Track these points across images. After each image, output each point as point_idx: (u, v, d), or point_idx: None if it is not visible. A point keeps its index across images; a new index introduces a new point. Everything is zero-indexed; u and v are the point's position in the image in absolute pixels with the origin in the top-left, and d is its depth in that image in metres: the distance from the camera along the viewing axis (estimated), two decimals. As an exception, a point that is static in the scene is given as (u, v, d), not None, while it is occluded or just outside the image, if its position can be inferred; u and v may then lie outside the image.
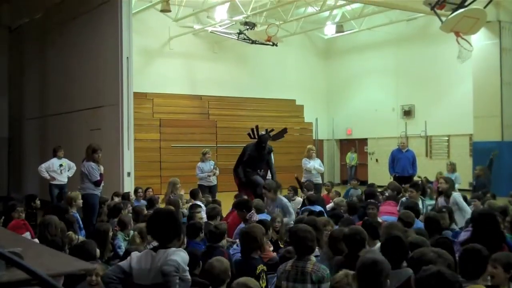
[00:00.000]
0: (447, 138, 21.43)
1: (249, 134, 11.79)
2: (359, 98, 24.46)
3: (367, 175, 23.96)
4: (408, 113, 22.55)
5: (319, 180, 13.45)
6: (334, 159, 26.01)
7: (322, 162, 15.49)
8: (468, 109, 19.56)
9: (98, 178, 10.02)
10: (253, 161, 11.56)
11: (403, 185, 11.49)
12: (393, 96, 23.15)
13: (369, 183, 16.97)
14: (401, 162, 15.02)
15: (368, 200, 9.49)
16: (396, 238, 4.80)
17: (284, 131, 12.39)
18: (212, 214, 8.01)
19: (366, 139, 24.54)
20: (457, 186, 14.82)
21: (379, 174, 21.67)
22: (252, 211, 8.34)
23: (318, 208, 9.35)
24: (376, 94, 23.80)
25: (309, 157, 13.63)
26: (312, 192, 11.06)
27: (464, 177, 16.94)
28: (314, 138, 24.38)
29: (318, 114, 24.96)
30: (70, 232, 6.95)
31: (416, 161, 15.34)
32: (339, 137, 25.84)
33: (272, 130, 11.92)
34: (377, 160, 23.71)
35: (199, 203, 10.13)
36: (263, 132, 11.72)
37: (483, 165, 15.01)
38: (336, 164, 26.06)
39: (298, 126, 23.71)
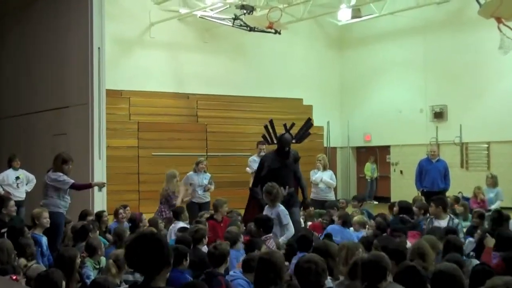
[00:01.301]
0: (487, 146, 21.45)
1: (264, 137, 11.33)
2: (379, 97, 24.49)
3: (389, 190, 23.95)
4: (439, 115, 22.59)
5: (330, 196, 13.45)
6: (350, 171, 26.00)
7: (335, 174, 15.48)
8: (512, 110, 19.62)
9: (72, 181, 10.05)
10: (275, 176, 10.42)
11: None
12: (421, 94, 23.18)
13: (392, 201, 16.98)
14: (431, 174, 14.99)
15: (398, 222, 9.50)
16: (411, 269, 4.79)
17: (308, 124, 11.75)
18: (197, 237, 8.08)
19: (388, 146, 24.55)
20: (498, 203, 14.89)
21: (404, 189, 21.60)
22: (271, 234, 8.41)
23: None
24: (400, 92, 23.84)
25: (318, 167, 13.61)
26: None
27: (508, 192, 16.93)
28: (325, 145, 24.36)
29: (330, 117, 24.96)
30: (22, 259, 6.92)
31: (449, 173, 15.30)
32: (356, 145, 25.83)
33: (293, 125, 11.18)
34: (401, 172, 23.71)
35: (182, 224, 10.14)
36: (282, 133, 10.96)
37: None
38: (352, 177, 26.05)
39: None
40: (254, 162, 14.32)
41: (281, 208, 9.78)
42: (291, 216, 9.85)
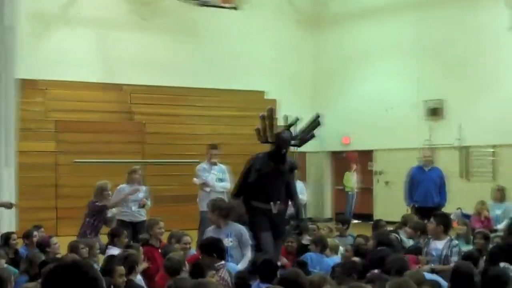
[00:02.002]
0: (493, 151, 21.69)
1: (257, 132, 10.58)
2: (361, 90, 24.69)
3: (371, 206, 24.14)
4: (434, 112, 22.82)
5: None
6: (324, 182, 26.12)
7: (305, 186, 15.57)
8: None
9: None
10: (265, 184, 10.22)
11: (426, 221, 11.57)
12: (412, 87, 23.35)
13: (375, 218, 17.09)
14: (424, 186, 15.14)
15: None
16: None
17: (315, 121, 11.23)
18: (128, 265, 8.07)
19: (371, 151, 24.74)
20: (506, 222, 15.03)
21: (390, 205, 21.81)
22: (224, 262, 8.48)
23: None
24: (387, 84, 24.05)
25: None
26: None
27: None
28: (293, 149, 24.41)
29: (299, 114, 24.96)
30: None
31: (446, 185, 15.48)
32: (332, 149, 25.93)
33: (297, 120, 10.91)
34: (387, 183, 23.91)
35: (117, 251, 10.11)
36: (281, 130, 10.53)
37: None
38: (326, 190, 26.18)
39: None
40: (203, 171, 14.34)
41: (239, 226, 9.83)
42: (276, 249, 9.90)
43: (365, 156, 25.05)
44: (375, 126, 23.89)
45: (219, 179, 14.36)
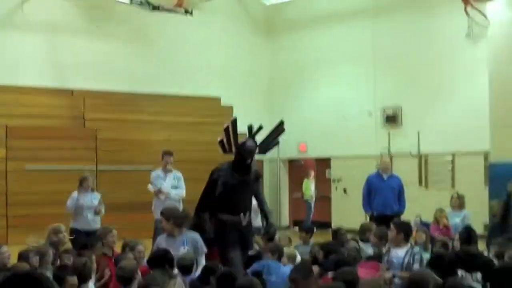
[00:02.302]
0: (451, 158, 21.80)
1: (221, 144, 10.43)
2: (318, 96, 24.70)
3: (329, 214, 24.10)
4: (392, 119, 22.91)
5: (257, 221, 13.31)
6: (280, 190, 26.05)
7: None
8: (483, 114, 19.96)
9: None
10: (231, 197, 10.00)
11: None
12: (369, 94, 23.47)
13: (334, 227, 17.01)
14: (382, 194, 15.11)
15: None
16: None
17: (279, 128, 11.05)
18: (81, 274, 7.87)
19: (328, 159, 24.74)
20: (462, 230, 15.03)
21: (349, 213, 21.81)
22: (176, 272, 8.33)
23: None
24: (344, 90, 24.08)
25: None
26: None
27: (477, 216, 17.18)
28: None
29: (255, 121, 24.75)
30: None
31: (404, 193, 15.47)
32: (288, 156, 25.90)
33: (260, 129, 10.61)
34: (345, 191, 23.91)
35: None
36: (245, 139, 10.30)
37: (501, 198, 15.25)
38: (283, 198, 26.12)
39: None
40: (158, 178, 14.32)
41: (193, 233, 9.85)
42: (239, 263, 9.72)
43: (323, 163, 25.09)
44: (332, 133, 23.95)
45: (174, 186, 14.28)
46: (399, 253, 9.66)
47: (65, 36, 22.16)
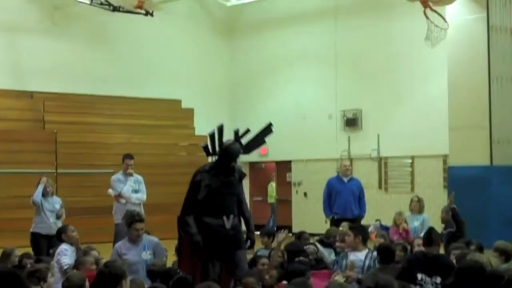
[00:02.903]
0: (411, 161, 21.98)
1: (205, 148, 10.08)
2: (278, 99, 24.76)
3: (290, 217, 24.20)
4: (352, 122, 23.01)
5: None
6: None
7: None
8: (442, 117, 20.06)
9: None
10: (214, 200, 9.58)
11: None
12: (330, 96, 23.55)
13: (297, 231, 17.00)
14: (342, 197, 15.16)
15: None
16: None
17: (267, 130, 10.65)
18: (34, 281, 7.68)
19: (289, 162, 24.82)
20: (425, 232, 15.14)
21: (309, 216, 21.90)
22: None
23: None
24: (304, 93, 24.19)
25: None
26: None
27: (437, 219, 17.28)
28: (210, 160, 24.29)
29: (216, 124, 24.72)
30: None
31: (364, 196, 15.57)
32: (249, 159, 25.90)
33: (247, 131, 10.30)
34: (305, 194, 24.02)
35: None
36: (228, 140, 9.96)
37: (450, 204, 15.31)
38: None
39: (185, 142, 23.70)
40: (118, 182, 14.23)
41: (152, 237, 9.85)
42: (237, 263, 9.31)
43: (283, 166, 25.14)
44: (292, 136, 23.90)
45: (134, 190, 14.21)
46: (359, 256, 9.78)
47: (24, 37, 22.05)
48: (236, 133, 10.06)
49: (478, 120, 19.31)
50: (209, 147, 9.96)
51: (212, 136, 9.95)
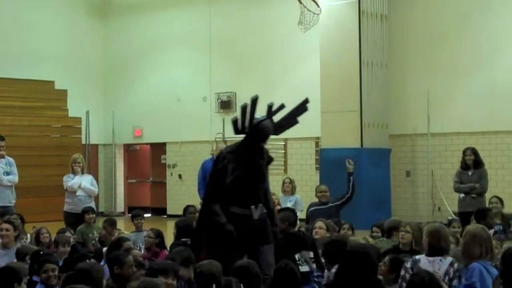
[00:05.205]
0: (283, 143, 22.27)
1: (234, 122, 8.70)
2: (153, 81, 24.74)
3: (165, 199, 24.29)
4: (226, 104, 23.19)
5: (91, 206, 13.37)
6: (115, 175, 25.95)
7: (97, 179, 15.48)
8: (315, 101, 20.39)
9: None
10: (242, 185, 8.58)
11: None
12: (204, 79, 23.71)
13: (168, 212, 17.16)
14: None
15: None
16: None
17: (303, 107, 9.18)
18: None
19: (163, 144, 24.87)
20: (298, 214, 15.46)
21: (184, 198, 21.95)
22: None
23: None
24: (179, 76, 24.25)
25: (76, 171, 13.56)
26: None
27: (309, 200, 17.54)
28: (84, 142, 24.17)
29: (90, 106, 24.74)
30: None
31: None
32: (124, 141, 25.82)
33: (282, 107, 9.10)
34: (180, 177, 24.13)
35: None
36: (260, 116, 8.72)
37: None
38: (118, 183, 26.05)
39: (58, 123, 23.53)
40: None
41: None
42: (262, 256, 8.28)
43: (158, 148, 25.16)
44: (167, 118, 24.05)
45: (6, 172, 13.99)
46: None
47: None
48: (270, 107, 8.83)
49: (349, 104, 19.71)
50: (239, 122, 8.61)
51: (244, 109, 8.58)
